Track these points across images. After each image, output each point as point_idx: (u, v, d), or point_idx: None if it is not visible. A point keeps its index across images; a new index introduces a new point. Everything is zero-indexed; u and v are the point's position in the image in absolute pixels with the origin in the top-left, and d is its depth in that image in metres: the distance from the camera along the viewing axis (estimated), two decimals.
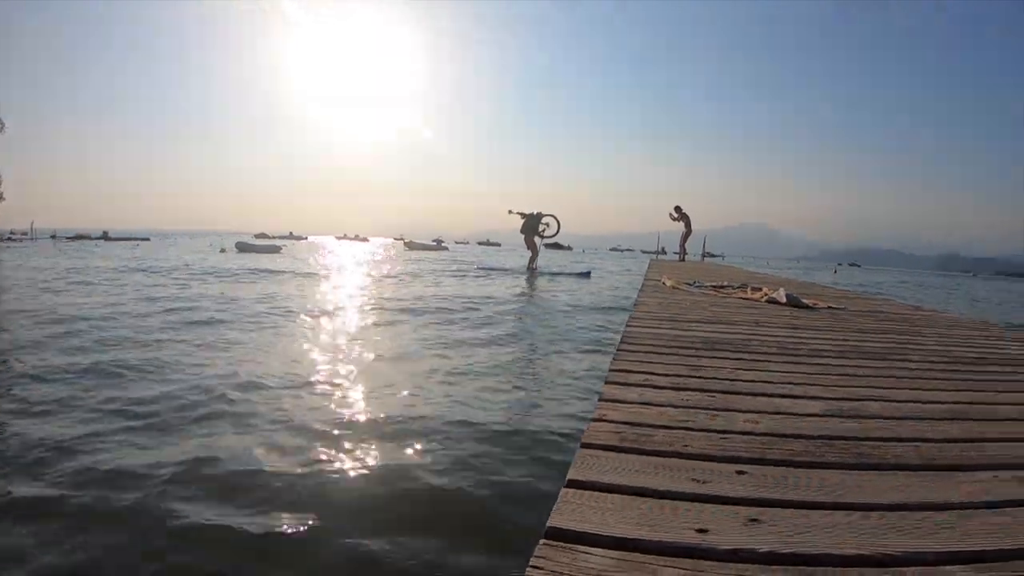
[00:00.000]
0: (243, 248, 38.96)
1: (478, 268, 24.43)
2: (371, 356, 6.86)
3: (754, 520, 1.18)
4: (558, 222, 21.38)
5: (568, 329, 9.30)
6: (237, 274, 18.32)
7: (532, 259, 21.89)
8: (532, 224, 21.14)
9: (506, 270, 23.05)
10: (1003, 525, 1.20)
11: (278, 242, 59.72)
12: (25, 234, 66.89)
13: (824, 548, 1.08)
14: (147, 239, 75.63)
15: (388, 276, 20.63)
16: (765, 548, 1.07)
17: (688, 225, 21.45)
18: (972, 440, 1.75)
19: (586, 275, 22.51)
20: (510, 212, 21.13)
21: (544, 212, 21.37)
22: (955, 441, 1.74)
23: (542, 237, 21.63)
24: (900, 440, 1.72)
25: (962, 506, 1.28)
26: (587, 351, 7.60)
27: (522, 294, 15.08)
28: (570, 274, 22.45)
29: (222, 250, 39.57)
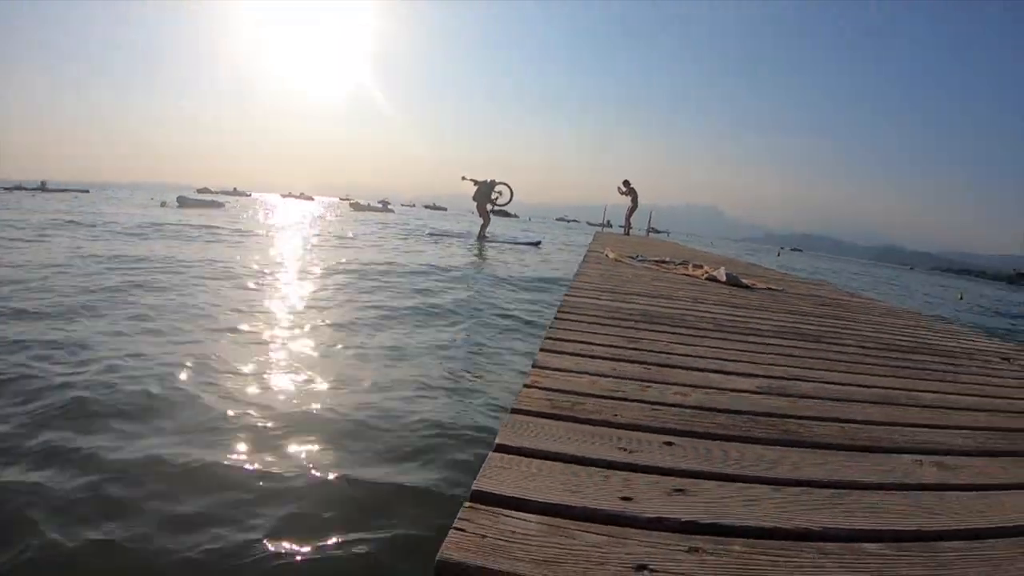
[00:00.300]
0: (184, 203, 37.80)
1: (428, 233, 24.11)
2: (310, 328, 6.31)
3: (679, 490, 1.19)
4: (511, 191, 21.10)
5: (518, 301, 9.05)
6: (176, 231, 17.26)
7: (483, 226, 21.58)
8: (485, 191, 20.78)
9: (456, 236, 22.75)
10: (921, 507, 1.24)
11: (221, 198, 58.17)
12: None
13: (745, 520, 1.10)
14: (86, 191, 73.14)
15: (335, 237, 19.87)
16: (687, 517, 1.08)
17: (635, 200, 21.59)
18: (896, 424, 1.81)
19: (536, 244, 22.56)
20: (464, 178, 20.74)
21: (498, 180, 21.08)
22: (880, 424, 1.79)
23: (495, 205, 21.35)
24: (827, 420, 1.77)
25: (883, 487, 1.32)
26: (540, 327, 7.38)
27: (473, 262, 14.53)
28: (521, 243, 22.44)
29: (163, 204, 38.39)
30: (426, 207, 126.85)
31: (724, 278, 5.91)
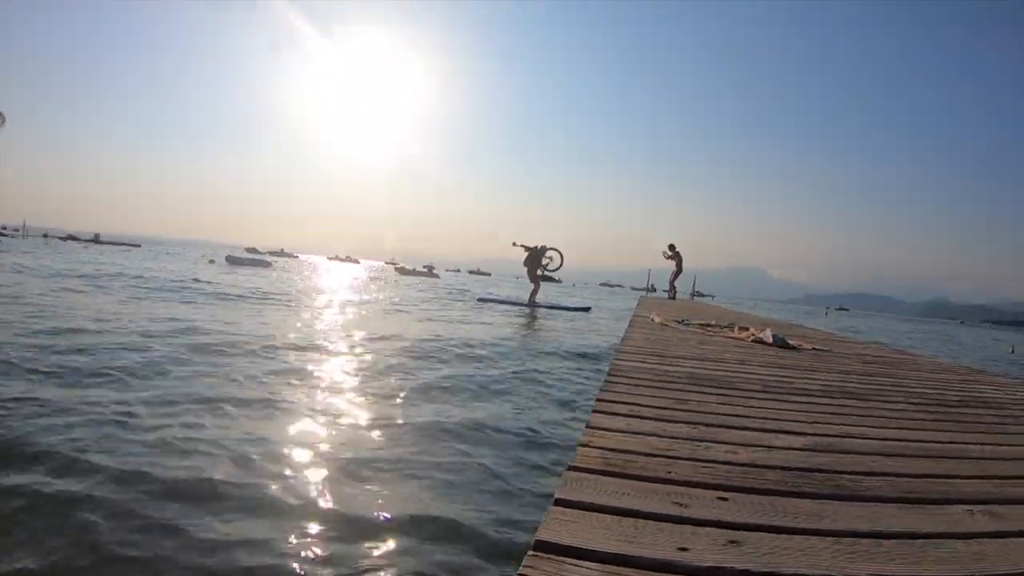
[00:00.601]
0: (233, 261, 39.24)
1: (477, 299, 24.18)
2: (355, 398, 6.16)
3: (733, 542, 1.23)
4: (561, 256, 21.03)
5: (570, 371, 8.85)
6: (225, 291, 17.58)
7: (533, 292, 21.39)
8: (536, 257, 20.69)
9: (504, 302, 22.76)
10: (972, 554, 1.26)
11: (268, 258, 59.93)
12: (17, 231, 68.42)
13: (798, 569, 1.14)
14: (138, 245, 76.32)
15: (381, 301, 20.04)
16: (742, 566, 1.13)
17: (679, 264, 21.61)
18: (947, 476, 1.82)
19: (586, 310, 22.50)
20: (514, 244, 20.69)
21: (548, 246, 21.00)
22: (930, 477, 1.81)
23: (545, 271, 21.23)
24: (877, 474, 1.79)
25: (933, 536, 1.34)
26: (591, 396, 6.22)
27: (523, 330, 14.28)
28: (570, 308, 22.38)
29: (211, 261, 40.06)
30: (470, 272, 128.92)
31: (770, 340, 5.89)
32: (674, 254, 21.43)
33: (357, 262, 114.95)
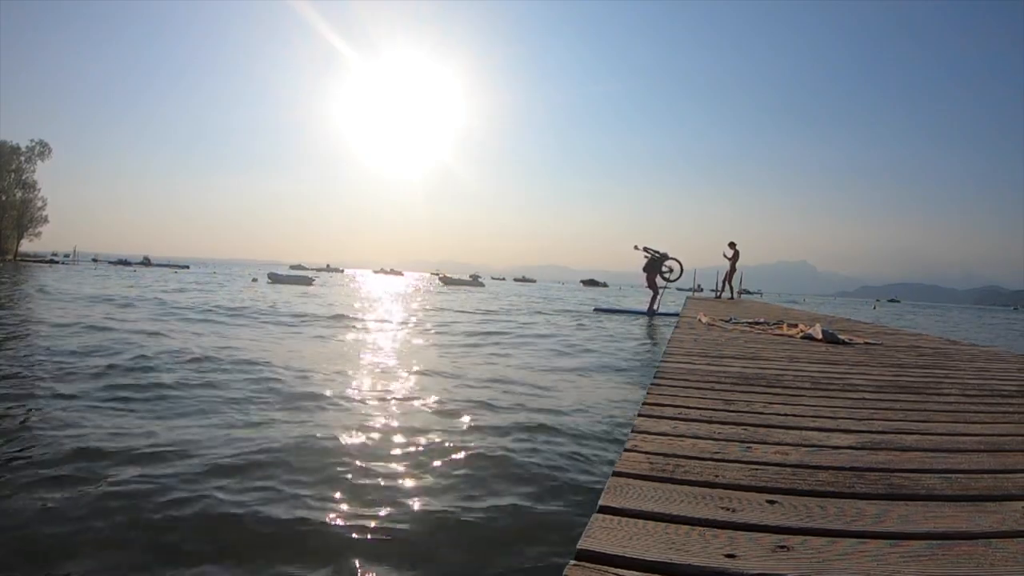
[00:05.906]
0: (275, 279, 40.48)
1: (594, 310, 23.22)
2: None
3: (782, 547, 1.16)
4: (681, 267, 20.22)
5: None
6: (266, 308, 17.16)
7: (653, 300, 20.52)
8: (657, 264, 19.95)
9: (624, 311, 21.77)
10: None
11: (313, 274, 61.31)
12: (68, 256, 72.18)
13: (851, 573, 1.07)
14: (186, 267, 79.37)
15: (444, 321, 16.70)
16: (792, 573, 1.06)
17: (734, 262, 21.13)
18: (1006, 471, 1.70)
19: None
20: (636, 248, 19.70)
21: (669, 255, 20.10)
22: (988, 472, 1.69)
23: (666, 280, 20.36)
24: (932, 471, 1.68)
25: (992, 535, 1.24)
26: None
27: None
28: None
29: (254, 280, 41.39)
30: (515, 280, 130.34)
31: (820, 335, 5.71)
32: (734, 252, 20.95)
33: (401, 274, 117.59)
